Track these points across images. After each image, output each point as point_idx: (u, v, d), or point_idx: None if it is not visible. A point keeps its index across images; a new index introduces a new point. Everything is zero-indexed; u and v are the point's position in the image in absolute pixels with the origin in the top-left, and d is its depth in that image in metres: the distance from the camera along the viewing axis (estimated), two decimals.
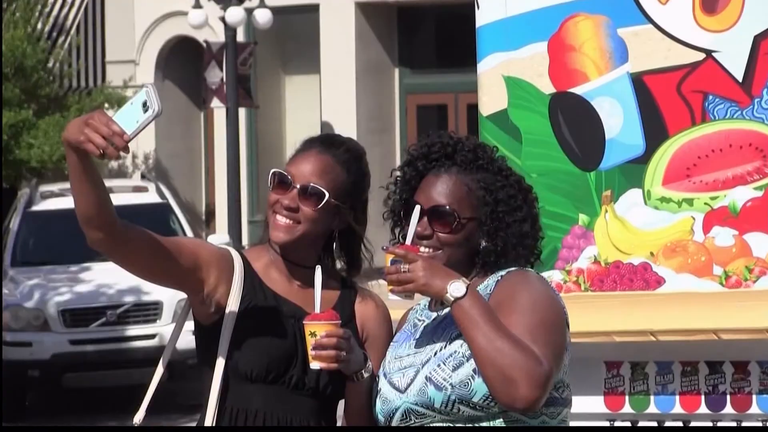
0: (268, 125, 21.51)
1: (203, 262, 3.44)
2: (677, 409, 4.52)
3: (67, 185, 13.21)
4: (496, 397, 3.14)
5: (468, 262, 3.35)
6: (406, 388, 3.28)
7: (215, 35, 18.94)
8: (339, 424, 3.60)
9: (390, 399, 3.35)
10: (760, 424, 4.57)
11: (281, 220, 3.43)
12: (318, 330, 3.33)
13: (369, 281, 4.36)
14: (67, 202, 12.22)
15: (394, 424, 3.38)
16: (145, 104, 3.15)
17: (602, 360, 4.64)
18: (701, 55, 4.41)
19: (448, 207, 3.33)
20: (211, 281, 3.41)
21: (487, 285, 3.35)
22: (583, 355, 4.24)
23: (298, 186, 3.39)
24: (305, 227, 3.41)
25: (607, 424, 4.71)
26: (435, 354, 3.23)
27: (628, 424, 4.63)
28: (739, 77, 4.38)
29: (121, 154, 3.22)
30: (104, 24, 21.20)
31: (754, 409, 4.42)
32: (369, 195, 3.79)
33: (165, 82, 20.66)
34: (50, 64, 19.99)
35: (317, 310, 3.37)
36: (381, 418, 3.37)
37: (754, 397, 4.39)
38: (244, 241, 18.37)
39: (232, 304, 3.49)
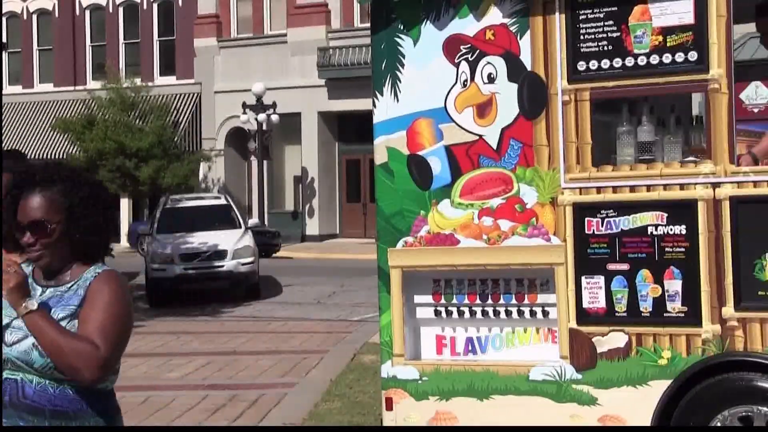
0: (276, 168, 35.64)
1: None
2: (466, 301, 5.77)
3: (182, 195, 20.64)
4: (70, 379, 3.21)
5: (73, 254, 3.33)
6: (12, 344, 3.24)
7: (253, 126, 33.06)
8: None
9: None
10: (491, 309, 5.57)
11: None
12: None
13: None
14: (181, 204, 19.27)
15: None
16: None
17: (431, 278, 5.93)
18: (477, 137, 5.71)
19: (40, 218, 3.26)
20: None
21: (86, 278, 3.32)
22: (423, 276, 5.88)
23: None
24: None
25: (433, 309, 5.82)
26: None
27: (443, 309, 5.74)
28: (494, 147, 5.65)
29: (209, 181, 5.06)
30: (201, 120, 36.63)
31: (490, 301, 5.66)
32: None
33: (229, 148, 36.65)
34: (176, 139, 35.14)
35: None
36: None
37: (501, 296, 5.73)
38: (266, 220, 33.44)
39: None
